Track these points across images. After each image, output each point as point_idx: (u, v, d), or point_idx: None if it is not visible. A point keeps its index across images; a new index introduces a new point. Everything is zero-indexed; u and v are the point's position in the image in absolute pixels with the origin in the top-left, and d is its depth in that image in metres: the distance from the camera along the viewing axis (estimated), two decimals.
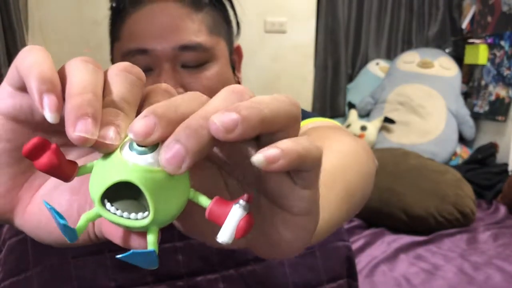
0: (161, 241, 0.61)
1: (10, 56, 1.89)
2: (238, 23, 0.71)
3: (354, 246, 1.51)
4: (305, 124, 0.62)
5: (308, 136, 0.23)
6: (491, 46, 2.39)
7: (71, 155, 0.28)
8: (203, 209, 0.23)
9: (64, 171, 0.22)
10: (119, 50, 0.62)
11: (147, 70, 0.61)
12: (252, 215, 0.22)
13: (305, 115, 0.65)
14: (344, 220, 0.42)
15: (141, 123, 0.21)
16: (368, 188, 0.49)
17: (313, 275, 0.59)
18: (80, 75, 0.23)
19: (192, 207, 0.24)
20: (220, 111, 0.21)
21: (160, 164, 0.21)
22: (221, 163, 0.26)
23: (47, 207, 0.22)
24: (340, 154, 0.45)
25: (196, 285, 0.55)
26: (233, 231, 0.21)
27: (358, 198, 0.45)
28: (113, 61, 0.66)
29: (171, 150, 0.20)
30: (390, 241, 1.56)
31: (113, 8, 0.66)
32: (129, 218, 0.22)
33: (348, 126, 2.45)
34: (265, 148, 0.21)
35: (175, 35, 0.60)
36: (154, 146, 0.22)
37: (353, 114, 2.50)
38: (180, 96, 0.23)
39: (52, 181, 0.27)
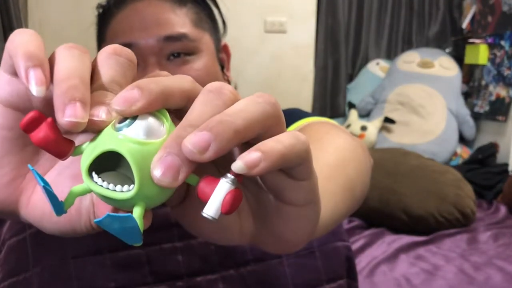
0: (161, 241, 0.61)
1: None
2: (223, 21, 0.71)
3: (354, 246, 1.50)
4: (302, 123, 0.62)
5: (295, 131, 0.23)
6: (491, 46, 2.39)
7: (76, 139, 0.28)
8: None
9: (60, 147, 0.22)
10: None
11: None
12: (240, 190, 0.21)
13: (303, 114, 0.65)
14: (347, 213, 0.42)
15: (124, 93, 0.22)
16: (366, 184, 0.49)
17: (313, 276, 0.59)
18: (65, 62, 0.24)
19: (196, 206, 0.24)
20: (192, 133, 0.21)
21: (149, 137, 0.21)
22: (219, 162, 0.26)
23: (30, 169, 0.22)
24: (340, 149, 0.46)
25: (196, 285, 0.55)
26: (219, 205, 0.21)
27: (358, 192, 0.45)
28: None
29: (164, 163, 0.20)
30: (390, 241, 1.56)
31: (98, 14, 0.66)
32: (114, 190, 0.22)
33: (348, 126, 2.45)
34: (245, 153, 0.21)
35: (159, 27, 0.60)
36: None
37: (353, 114, 2.50)
38: (164, 75, 0.24)
39: (55, 169, 0.27)
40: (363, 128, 2.37)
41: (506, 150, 2.29)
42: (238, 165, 0.20)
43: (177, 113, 0.25)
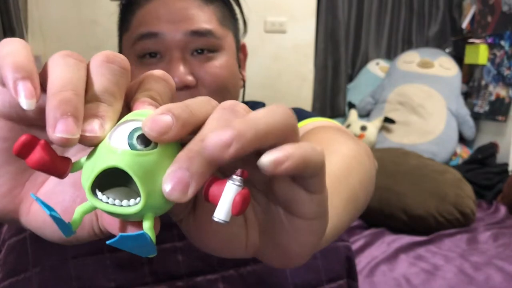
0: (161, 241, 0.61)
1: None
2: (244, 22, 0.72)
3: (354, 246, 1.50)
4: (305, 124, 0.62)
5: (309, 141, 0.23)
6: (491, 46, 2.39)
7: (69, 152, 0.28)
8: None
9: (57, 167, 0.22)
10: (129, 39, 0.63)
11: (155, 54, 0.61)
12: (248, 190, 0.21)
13: (305, 114, 0.65)
14: (349, 224, 0.42)
15: (159, 120, 0.21)
16: (370, 191, 0.49)
17: (313, 275, 0.59)
18: (59, 72, 0.23)
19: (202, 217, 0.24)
20: (214, 131, 0.21)
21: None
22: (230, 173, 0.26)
23: (34, 198, 0.22)
24: (343, 157, 0.45)
25: (196, 285, 0.55)
26: (229, 208, 0.21)
27: (361, 201, 0.45)
28: (124, 54, 0.67)
29: (175, 177, 0.20)
30: (390, 241, 1.55)
31: (123, 4, 0.66)
32: (121, 206, 0.21)
33: (348, 126, 2.45)
34: (270, 151, 0.21)
35: (186, 22, 0.60)
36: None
37: (353, 114, 2.50)
38: (192, 100, 0.23)
39: (55, 178, 0.27)
40: (363, 128, 2.37)
41: (506, 150, 2.29)
42: (264, 161, 0.20)
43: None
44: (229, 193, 0.21)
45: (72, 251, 0.54)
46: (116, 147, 0.21)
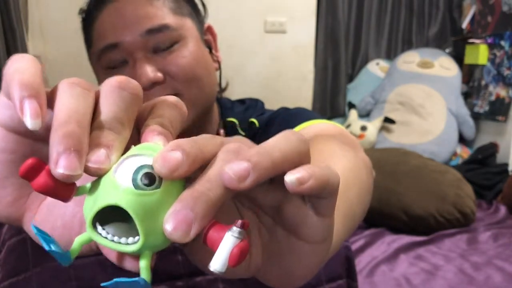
0: None
1: (10, 56, 1.89)
2: (203, 3, 0.72)
3: (354, 246, 1.51)
4: (307, 126, 0.62)
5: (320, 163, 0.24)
6: (491, 46, 2.39)
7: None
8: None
9: (62, 192, 0.22)
10: (94, 55, 0.64)
11: (122, 63, 0.62)
12: (246, 242, 0.21)
13: (307, 115, 0.65)
14: (346, 238, 0.42)
15: (170, 158, 0.21)
16: (367, 204, 0.49)
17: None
18: (65, 102, 0.23)
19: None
20: (232, 161, 0.21)
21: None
22: (237, 196, 0.26)
23: (34, 231, 0.22)
24: (341, 172, 0.45)
25: (196, 285, 0.55)
26: (226, 259, 0.21)
27: (358, 216, 0.45)
28: (94, 69, 0.67)
29: (178, 217, 0.20)
30: (390, 241, 1.56)
31: (82, 19, 0.67)
32: (119, 243, 0.21)
33: (348, 126, 2.45)
34: (294, 170, 0.21)
35: (140, 23, 0.60)
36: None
37: (353, 114, 2.50)
38: (198, 137, 0.23)
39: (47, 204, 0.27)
40: (363, 128, 2.37)
41: (506, 150, 2.29)
42: (291, 178, 0.21)
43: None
44: (227, 244, 0.21)
45: None
46: (119, 184, 0.21)
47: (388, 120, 2.38)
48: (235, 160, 0.21)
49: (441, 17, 2.76)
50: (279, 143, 0.22)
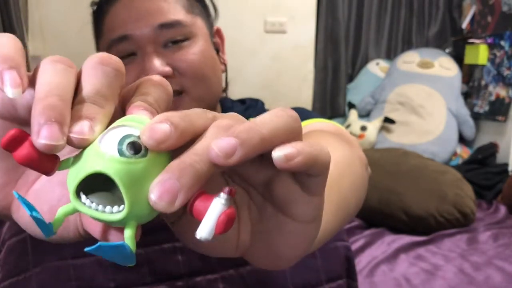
0: (161, 241, 0.61)
1: None
2: (214, 6, 0.72)
3: (354, 246, 1.51)
4: (305, 125, 0.62)
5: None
6: (491, 46, 2.39)
7: (61, 152, 0.28)
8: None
9: (44, 164, 0.22)
10: (103, 46, 0.65)
11: (131, 55, 0.62)
12: (234, 209, 0.21)
13: (307, 115, 0.65)
14: (339, 229, 0.42)
15: (157, 129, 0.21)
16: (361, 197, 0.49)
17: (313, 275, 0.59)
18: (46, 78, 0.23)
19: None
20: (219, 138, 0.21)
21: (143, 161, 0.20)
22: (227, 172, 0.26)
23: (16, 196, 0.22)
24: (335, 163, 0.45)
25: (196, 285, 0.55)
26: (213, 226, 0.20)
27: (352, 207, 0.45)
28: None
29: (164, 186, 0.20)
30: (390, 241, 1.56)
31: (93, 11, 0.67)
32: (103, 212, 0.21)
33: (348, 126, 2.45)
34: (283, 146, 0.21)
35: (153, 16, 0.61)
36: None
37: (353, 114, 2.50)
38: (191, 110, 0.23)
39: (45, 176, 0.27)
40: (363, 128, 2.37)
41: (506, 150, 2.29)
42: (278, 154, 0.21)
43: None
44: (214, 211, 0.20)
45: (71, 251, 0.55)
46: (104, 152, 0.21)
47: (388, 120, 2.38)
48: (223, 136, 0.21)
49: (441, 17, 2.76)
50: (269, 119, 0.22)
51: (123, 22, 0.62)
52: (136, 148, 0.21)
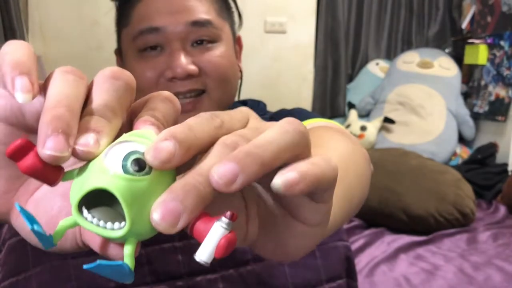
0: (161, 241, 0.61)
1: None
2: (240, 15, 0.73)
3: (354, 246, 1.51)
4: (305, 124, 0.62)
5: (322, 155, 0.23)
6: (491, 46, 2.39)
7: (66, 163, 0.28)
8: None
9: (48, 175, 0.22)
10: (129, 34, 0.64)
11: (155, 47, 0.62)
12: (234, 234, 0.21)
13: (306, 115, 0.65)
14: (343, 222, 0.42)
15: (162, 149, 0.20)
16: (365, 191, 0.49)
17: (313, 275, 0.59)
18: (56, 88, 0.23)
19: None
20: (219, 163, 0.20)
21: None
22: None
23: (18, 209, 0.21)
24: (340, 156, 0.45)
25: (196, 285, 0.55)
26: (213, 250, 0.20)
27: (356, 200, 0.45)
28: (120, 50, 0.68)
29: (167, 207, 0.20)
30: (390, 241, 1.56)
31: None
32: (104, 228, 0.21)
33: (348, 126, 2.45)
34: (284, 171, 0.21)
35: (186, 13, 0.62)
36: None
37: (353, 114, 2.50)
38: (195, 120, 0.23)
39: (47, 185, 0.27)
40: (363, 128, 2.37)
41: (505, 150, 2.29)
42: (277, 183, 0.20)
43: None
44: (215, 235, 0.20)
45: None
46: (108, 168, 0.21)
47: (388, 120, 2.38)
48: (224, 161, 0.20)
49: (441, 17, 2.76)
50: (275, 137, 0.22)
51: (156, 14, 0.62)
52: (140, 165, 0.21)
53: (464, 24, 2.65)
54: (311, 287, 0.59)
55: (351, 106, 2.60)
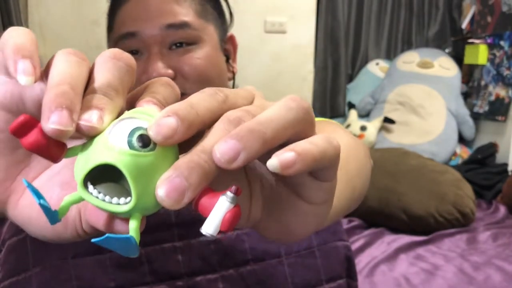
0: (161, 241, 0.61)
1: None
2: (231, 13, 0.72)
3: (354, 246, 1.51)
4: None
5: (323, 134, 0.23)
6: (491, 46, 2.39)
7: (71, 143, 0.28)
8: None
9: (52, 151, 0.22)
10: (112, 40, 0.65)
11: (136, 52, 0.63)
12: (239, 208, 0.21)
13: None
14: (345, 211, 0.42)
15: (163, 123, 0.21)
16: (366, 184, 0.50)
17: (313, 275, 0.59)
18: (60, 67, 0.23)
19: None
20: (221, 140, 0.20)
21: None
22: None
23: (25, 184, 0.22)
24: (343, 146, 0.46)
25: (196, 285, 0.55)
26: (219, 224, 0.21)
27: (357, 191, 0.45)
28: None
29: (172, 184, 0.20)
30: (390, 241, 1.56)
31: (109, 4, 0.68)
32: (110, 203, 0.21)
33: (348, 126, 2.45)
34: (280, 152, 0.21)
35: (162, 16, 0.61)
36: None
37: (353, 114, 2.50)
38: (197, 96, 0.23)
39: (46, 174, 0.27)
40: (363, 128, 2.37)
41: (505, 150, 2.29)
42: (273, 163, 0.20)
43: None
44: (220, 208, 0.21)
45: (72, 251, 0.55)
46: (114, 144, 0.21)
47: (387, 120, 2.39)
48: (226, 138, 0.20)
49: (441, 17, 2.76)
50: (278, 114, 0.22)
51: (133, 19, 0.62)
52: (145, 141, 0.21)
53: (464, 24, 2.65)
54: (311, 287, 0.59)
55: (351, 106, 2.60)
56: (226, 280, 0.56)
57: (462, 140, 2.49)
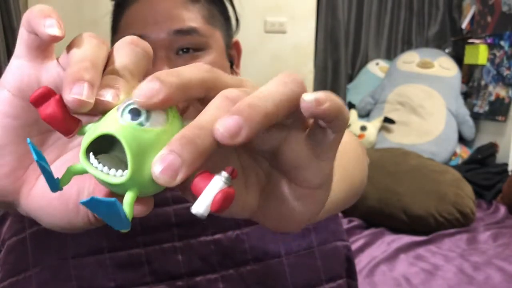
0: (161, 241, 0.61)
1: (10, 55, 1.89)
2: (237, 19, 0.72)
3: (354, 246, 1.51)
4: None
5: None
6: (491, 46, 2.39)
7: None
8: None
9: (66, 124, 0.23)
10: (116, 41, 0.64)
11: None
12: (233, 189, 0.21)
13: None
14: (343, 203, 0.42)
15: (145, 85, 0.21)
16: (364, 179, 0.50)
17: (313, 275, 0.59)
18: (81, 47, 0.24)
19: None
20: (224, 116, 0.21)
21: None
22: None
23: (27, 142, 0.22)
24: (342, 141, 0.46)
25: (196, 285, 0.55)
26: (209, 203, 0.20)
27: (356, 182, 0.45)
28: None
29: (165, 161, 0.20)
30: (390, 241, 1.56)
31: (113, 6, 0.67)
32: (107, 174, 0.22)
33: (348, 126, 2.45)
34: (311, 93, 0.21)
35: (170, 21, 0.61)
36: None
37: (353, 114, 2.51)
38: (184, 66, 0.24)
39: (57, 162, 0.27)
40: (363, 128, 2.37)
41: (505, 150, 2.29)
42: (308, 98, 0.21)
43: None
44: (213, 188, 0.21)
45: (72, 251, 0.55)
46: (118, 118, 0.22)
47: (387, 120, 2.39)
48: (227, 114, 0.20)
49: (441, 17, 2.76)
50: (275, 89, 0.22)
51: (140, 22, 0.61)
52: (134, 112, 0.22)
53: (464, 24, 2.65)
54: (311, 287, 0.59)
55: (351, 106, 2.60)
56: (226, 280, 0.56)
57: (462, 140, 2.49)
